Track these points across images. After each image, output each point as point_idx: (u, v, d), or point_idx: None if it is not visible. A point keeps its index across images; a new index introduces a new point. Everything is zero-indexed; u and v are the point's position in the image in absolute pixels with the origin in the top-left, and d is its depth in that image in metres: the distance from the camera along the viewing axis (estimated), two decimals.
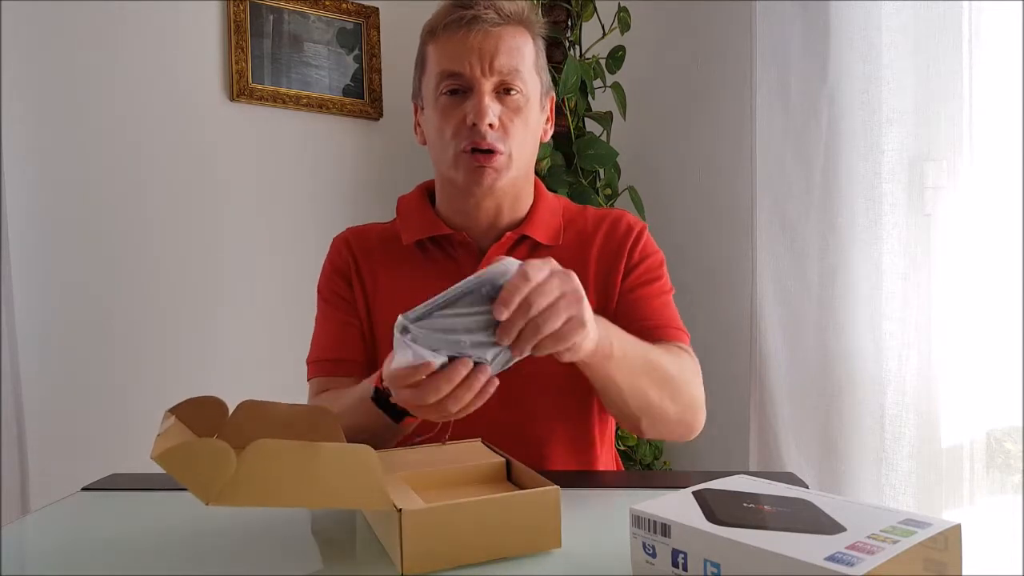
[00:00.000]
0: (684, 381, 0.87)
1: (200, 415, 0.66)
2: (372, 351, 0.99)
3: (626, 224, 1.00)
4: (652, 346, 0.85)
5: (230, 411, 0.69)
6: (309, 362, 1.00)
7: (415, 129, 1.01)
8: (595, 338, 0.69)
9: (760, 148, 1.69)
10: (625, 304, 0.96)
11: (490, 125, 0.88)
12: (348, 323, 0.99)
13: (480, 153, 0.89)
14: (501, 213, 0.97)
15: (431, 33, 0.93)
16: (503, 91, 0.90)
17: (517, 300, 0.60)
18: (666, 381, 0.84)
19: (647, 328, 0.93)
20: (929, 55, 1.40)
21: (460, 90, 0.90)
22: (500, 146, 0.90)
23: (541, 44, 0.97)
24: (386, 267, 1.00)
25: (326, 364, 0.98)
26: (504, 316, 0.60)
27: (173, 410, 0.65)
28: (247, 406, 0.69)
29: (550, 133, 1.02)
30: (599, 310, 0.96)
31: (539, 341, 0.62)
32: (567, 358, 0.68)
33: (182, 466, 0.51)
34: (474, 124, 0.88)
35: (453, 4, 0.91)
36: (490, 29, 0.89)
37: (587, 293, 0.94)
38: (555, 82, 1.83)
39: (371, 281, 1.00)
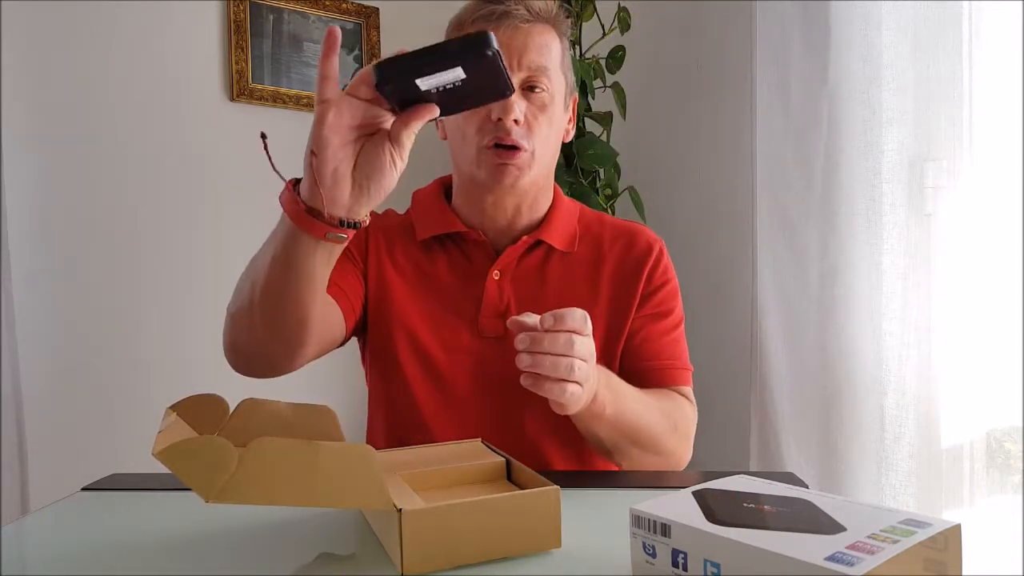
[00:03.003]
0: (669, 435, 0.89)
1: (201, 412, 0.66)
2: (363, 313, 0.96)
3: (645, 243, 0.99)
4: (648, 405, 0.87)
5: (231, 409, 0.69)
6: None
7: (437, 124, 1.00)
8: (587, 399, 0.73)
9: (760, 148, 1.69)
10: (636, 339, 0.96)
11: (515, 121, 0.88)
12: (349, 270, 0.96)
13: (503, 149, 0.88)
14: (520, 213, 0.96)
15: (459, 27, 0.92)
16: (529, 88, 0.90)
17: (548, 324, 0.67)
18: (652, 441, 0.87)
19: (653, 368, 0.95)
20: (929, 55, 1.40)
21: None
22: (524, 143, 0.89)
23: (567, 44, 0.96)
24: (397, 253, 0.98)
25: None
26: (521, 346, 0.68)
27: (174, 407, 0.65)
28: (248, 404, 0.69)
29: (572, 133, 1.01)
30: (610, 328, 0.95)
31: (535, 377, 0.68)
32: (556, 410, 0.71)
33: (183, 463, 0.51)
34: (499, 120, 0.87)
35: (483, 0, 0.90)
36: (520, 25, 0.88)
37: (598, 309, 0.95)
38: None
39: (375, 260, 0.97)
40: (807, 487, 0.65)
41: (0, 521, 1.46)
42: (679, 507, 0.53)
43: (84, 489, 0.81)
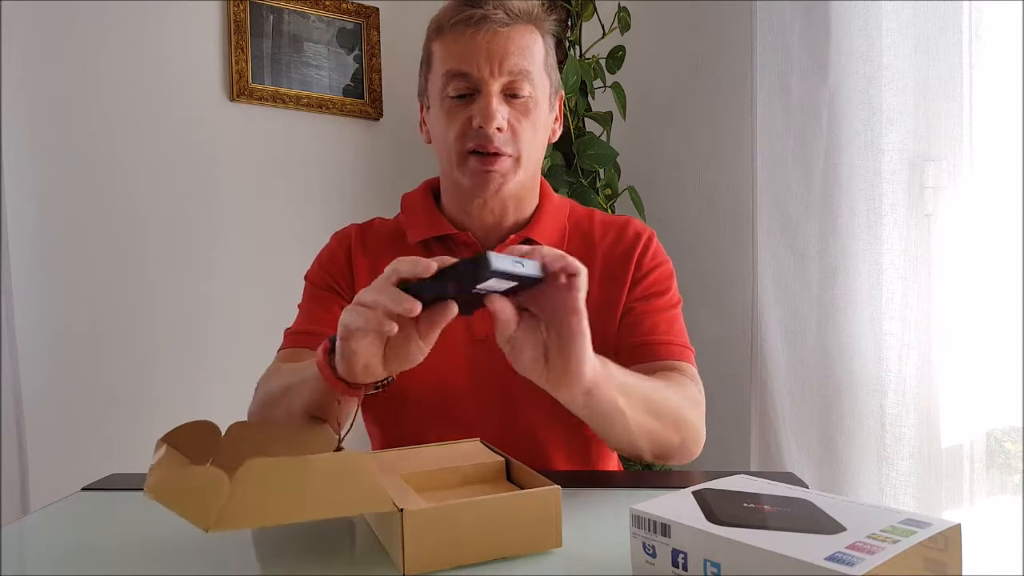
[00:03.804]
0: (686, 410, 0.84)
1: (193, 440, 0.65)
2: None
3: (634, 232, 0.98)
4: (654, 380, 0.82)
5: (222, 433, 0.68)
6: (285, 334, 0.98)
7: (420, 128, 1.00)
8: (594, 366, 0.67)
9: (760, 148, 1.69)
10: (630, 317, 0.94)
11: (498, 128, 0.87)
12: (330, 304, 0.97)
13: (485, 156, 0.88)
14: (506, 213, 0.96)
15: (438, 31, 0.91)
16: (511, 95, 0.89)
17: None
18: (669, 414, 0.81)
19: (650, 343, 0.91)
20: (929, 55, 1.40)
21: (467, 94, 0.88)
22: (507, 149, 0.88)
23: (551, 42, 0.95)
24: (385, 264, 0.98)
25: (299, 336, 0.95)
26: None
27: (165, 438, 0.64)
28: (238, 427, 0.68)
29: (559, 133, 1.00)
30: (602, 319, 0.94)
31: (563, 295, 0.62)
32: (563, 386, 0.65)
33: (175, 497, 0.50)
34: (481, 126, 0.87)
35: (461, 2, 0.89)
36: (499, 29, 0.87)
37: (589, 301, 0.94)
38: None
39: (365, 275, 0.97)
40: (807, 487, 0.65)
41: (0, 521, 1.46)
42: (679, 507, 0.53)
43: (84, 489, 0.81)
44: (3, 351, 1.53)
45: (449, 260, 0.61)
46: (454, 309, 0.63)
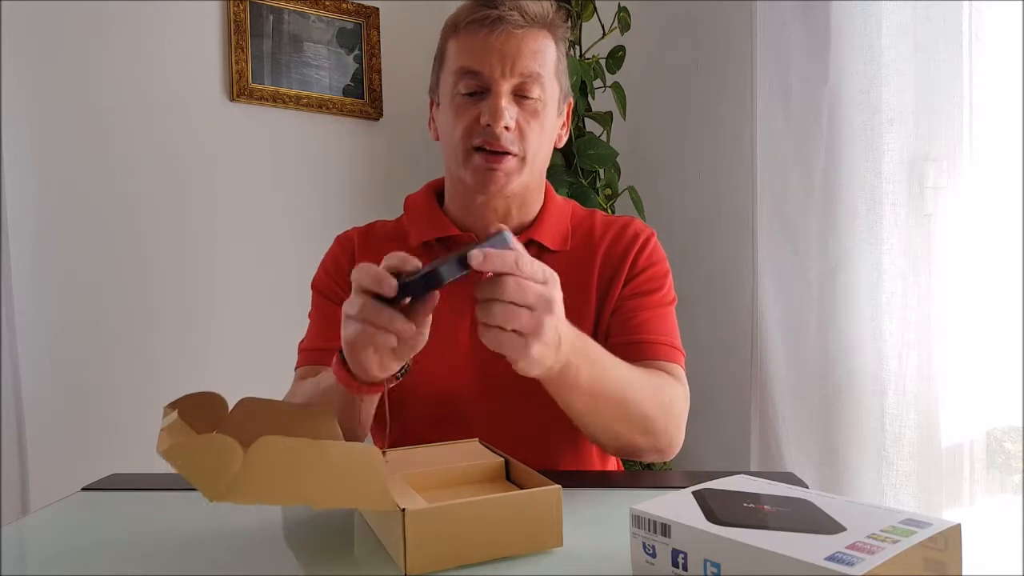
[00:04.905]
0: (660, 414, 0.84)
1: (200, 411, 0.66)
2: None
3: (633, 231, 0.99)
4: (635, 377, 0.82)
5: (230, 407, 0.68)
6: (300, 350, 0.98)
7: (429, 124, 1.00)
8: (550, 363, 0.68)
9: (760, 148, 1.69)
10: (621, 313, 0.94)
11: (505, 127, 0.87)
12: (339, 316, 0.98)
13: (491, 154, 0.88)
14: (510, 214, 0.96)
15: (453, 29, 0.92)
16: (521, 96, 0.89)
17: (494, 266, 0.62)
18: (641, 417, 0.82)
19: (637, 342, 0.91)
20: (929, 55, 1.40)
21: (477, 92, 0.89)
22: (513, 148, 0.89)
23: (563, 48, 0.95)
24: None
25: (316, 353, 0.96)
26: (478, 263, 0.61)
27: (173, 404, 0.64)
28: (247, 403, 0.68)
29: (565, 139, 1.01)
30: (599, 320, 0.95)
31: (482, 324, 0.64)
32: (517, 368, 0.67)
33: (188, 461, 0.50)
34: (488, 124, 0.87)
35: (477, 2, 0.89)
36: (513, 31, 0.88)
37: (589, 298, 0.95)
38: None
39: None
40: (807, 487, 0.65)
41: (0, 521, 1.46)
42: (679, 507, 0.53)
43: (84, 489, 0.81)
44: (3, 351, 1.53)
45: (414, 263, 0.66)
46: (437, 294, 0.66)
